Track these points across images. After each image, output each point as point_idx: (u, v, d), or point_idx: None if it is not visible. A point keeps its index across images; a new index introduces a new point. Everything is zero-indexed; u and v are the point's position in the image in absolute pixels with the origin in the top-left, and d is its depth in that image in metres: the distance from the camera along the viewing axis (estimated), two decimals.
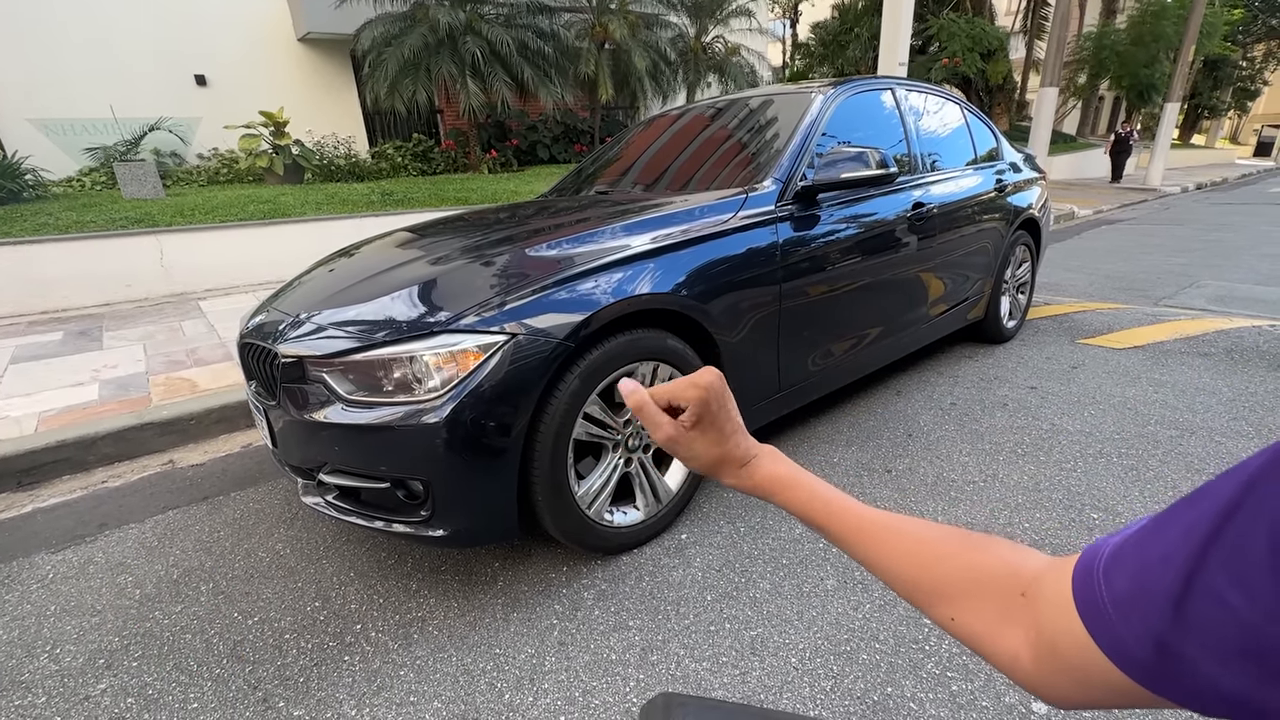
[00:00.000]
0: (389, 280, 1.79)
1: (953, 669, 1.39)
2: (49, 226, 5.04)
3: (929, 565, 0.41)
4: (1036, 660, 0.33)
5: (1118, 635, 0.28)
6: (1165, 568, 0.26)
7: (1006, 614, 0.36)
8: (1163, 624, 0.26)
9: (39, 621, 1.68)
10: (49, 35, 8.09)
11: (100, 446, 2.57)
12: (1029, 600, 0.35)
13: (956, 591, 0.39)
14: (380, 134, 10.92)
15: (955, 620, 0.39)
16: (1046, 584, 0.34)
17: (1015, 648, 0.35)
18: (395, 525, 1.58)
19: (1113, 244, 7.28)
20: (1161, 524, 0.28)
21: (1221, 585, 0.23)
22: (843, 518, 0.47)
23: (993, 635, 0.36)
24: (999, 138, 3.61)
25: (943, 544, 0.41)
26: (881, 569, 0.44)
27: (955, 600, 0.39)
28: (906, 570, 0.42)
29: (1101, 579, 0.29)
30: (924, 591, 0.41)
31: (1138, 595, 0.27)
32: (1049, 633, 0.32)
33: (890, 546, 0.44)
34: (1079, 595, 0.30)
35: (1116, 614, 0.28)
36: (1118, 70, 17.92)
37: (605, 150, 3.34)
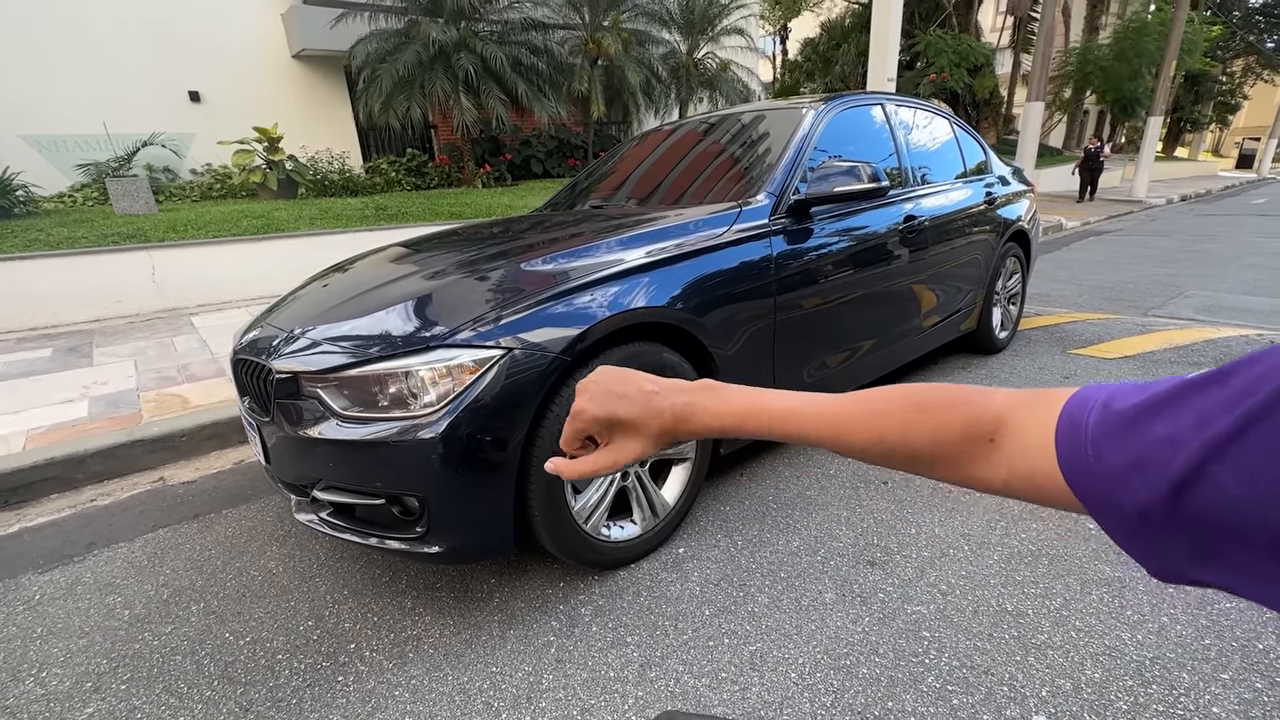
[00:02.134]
0: (384, 295, 1.78)
1: (953, 682, 1.39)
2: (40, 242, 5.01)
3: (896, 445, 0.42)
4: (1006, 485, 0.37)
5: (1100, 496, 0.30)
6: (1172, 450, 0.26)
7: (975, 458, 0.39)
8: (1155, 500, 0.27)
9: (25, 644, 1.65)
10: (41, 51, 8.09)
11: (90, 464, 2.53)
12: (997, 445, 0.37)
13: (925, 456, 0.41)
14: (374, 149, 10.95)
15: (927, 471, 0.42)
16: (1020, 430, 0.36)
17: (986, 479, 0.38)
18: (390, 542, 1.56)
19: (1101, 255, 7.37)
20: (1166, 404, 0.28)
21: (1232, 480, 0.24)
22: (794, 418, 0.47)
23: (963, 475, 0.40)
24: (987, 151, 3.66)
25: (900, 422, 0.42)
26: (853, 454, 0.45)
27: (925, 462, 0.42)
28: (877, 453, 0.44)
29: (1089, 446, 0.31)
30: (895, 461, 0.43)
31: (1132, 470, 0.28)
32: (1024, 471, 0.35)
33: (859, 439, 0.44)
34: (1062, 454, 0.32)
35: (1105, 480, 0.30)
36: (1102, 85, 18.26)
37: (599, 165, 3.37)
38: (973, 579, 1.72)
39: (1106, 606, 1.59)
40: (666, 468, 1.98)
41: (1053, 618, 1.56)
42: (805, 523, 2.03)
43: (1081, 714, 1.30)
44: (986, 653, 1.46)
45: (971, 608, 1.61)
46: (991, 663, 1.44)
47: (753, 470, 2.38)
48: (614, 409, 0.50)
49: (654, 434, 0.50)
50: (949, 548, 1.86)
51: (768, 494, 2.21)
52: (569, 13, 10.17)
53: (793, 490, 2.23)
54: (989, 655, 1.46)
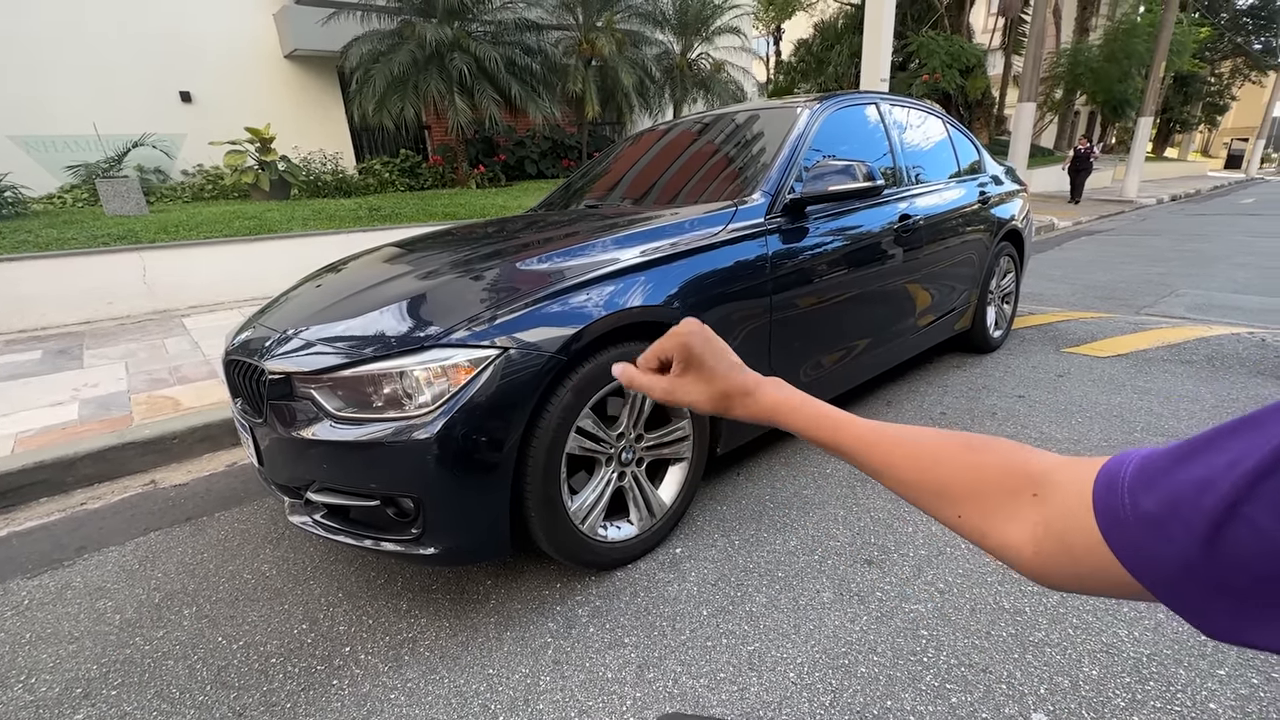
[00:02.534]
0: (377, 295, 1.77)
1: (952, 681, 1.39)
2: (29, 244, 4.96)
3: (932, 468, 0.43)
4: (1039, 553, 0.36)
5: (1138, 549, 0.29)
6: (1205, 493, 0.26)
7: (1013, 511, 0.38)
8: (1192, 546, 0.26)
9: (13, 650, 1.63)
10: (31, 52, 8.02)
11: (80, 467, 2.51)
12: (1040, 500, 0.36)
13: (962, 491, 0.41)
14: (368, 150, 10.91)
15: (961, 517, 0.41)
16: (1061, 486, 0.35)
17: (1019, 540, 0.37)
18: (385, 544, 1.55)
19: (1093, 254, 7.42)
20: (1198, 449, 0.28)
21: (1265, 516, 0.24)
22: (850, 430, 0.49)
23: (997, 530, 0.38)
24: (981, 151, 3.67)
25: (944, 447, 0.43)
26: (889, 477, 0.46)
27: (961, 500, 0.41)
28: (912, 475, 0.44)
29: (1125, 494, 0.30)
30: (930, 493, 0.43)
31: (1168, 516, 0.28)
32: (1059, 530, 0.34)
33: (897, 454, 0.45)
34: (1100, 506, 0.31)
35: (1142, 530, 0.29)
36: (1092, 86, 18.40)
37: (594, 165, 3.36)
38: (970, 577, 1.72)
39: (1103, 604, 1.59)
40: (663, 468, 1.98)
41: (1050, 615, 1.57)
42: (802, 522, 2.03)
43: (1080, 711, 1.30)
44: (984, 651, 1.46)
45: (969, 606, 1.61)
46: (990, 661, 1.44)
47: (749, 470, 2.38)
48: (704, 349, 0.55)
49: (717, 392, 0.55)
50: (946, 546, 1.86)
51: (764, 493, 2.21)
52: (563, 13, 10.16)
53: (789, 490, 2.23)
54: (987, 653, 1.46)
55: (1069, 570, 0.34)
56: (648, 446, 1.88)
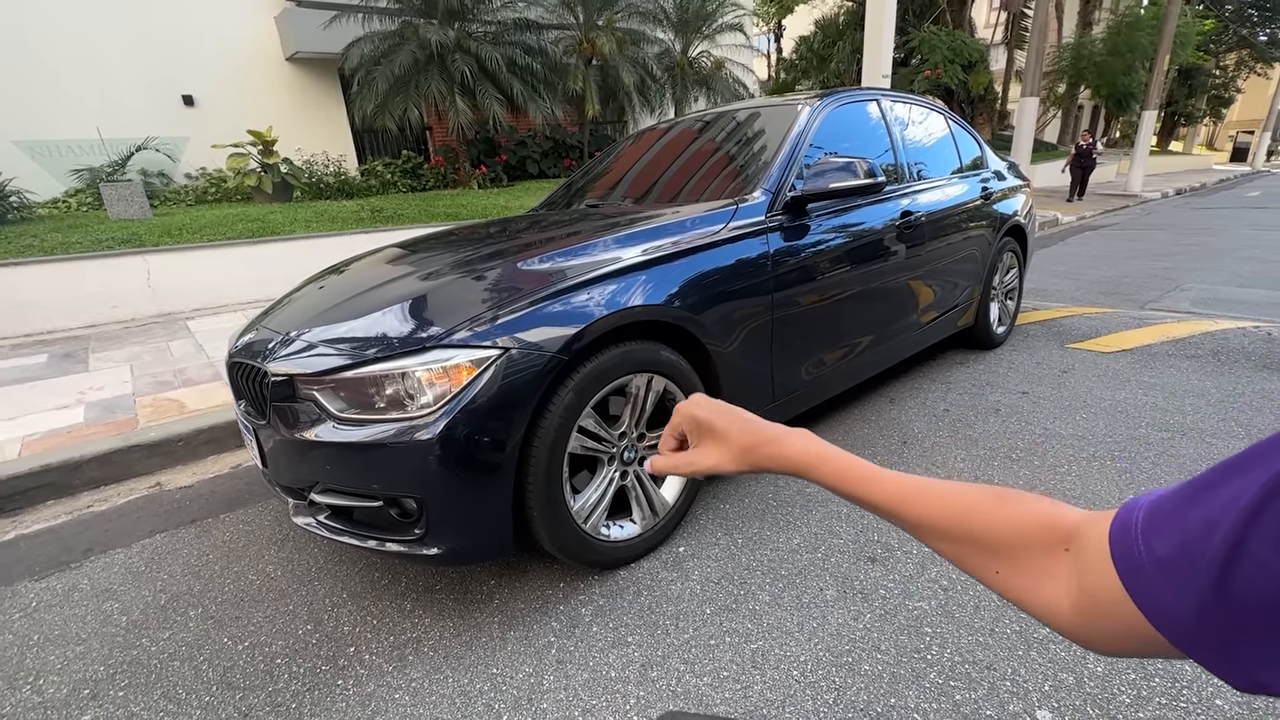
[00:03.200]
0: (380, 296, 1.77)
1: (956, 678, 1.38)
2: (34, 248, 4.99)
3: (968, 523, 0.42)
4: (1077, 611, 0.34)
5: (1157, 596, 0.28)
6: (1209, 533, 0.26)
7: (1048, 567, 0.37)
8: (1205, 590, 0.26)
9: (21, 652, 1.64)
10: (34, 56, 8.06)
11: (86, 470, 2.52)
12: (1072, 555, 0.36)
13: (998, 546, 0.40)
14: (370, 151, 10.94)
15: (1000, 574, 0.40)
16: (1086, 538, 0.35)
17: (1056, 599, 0.36)
18: (388, 544, 1.55)
19: (1097, 249, 7.38)
20: (1202, 489, 0.27)
21: (1266, 550, 0.23)
22: (882, 486, 0.48)
23: (1035, 588, 0.37)
24: (983, 146, 3.66)
25: (978, 501, 0.43)
26: (926, 530, 0.45)
27: (998, 554, 0.40)
28: (947, 527, 0.43)
29: (1140, 539, 0.30)
30: (968, 546, 0.42)
31: (1179, 559, 0.27)
32: (1089, 586, 0.33)
33: (931, 508, 0.45)
34: (1117, 553, 0.31)
35: (1158, 576, 0.28)
36: (1096, 80, 18.31)
37: (595, 164, 3.36)
38: None
39: None
40: None
41: None
42: (805, 520, 2.02)
43: (1085, 708, 1.29)
44: (989, 648, 1.46)
45: (973, 603, 1.61)
46: (994, 658, 1.43)
47: None
48: (711, 415, 0.57)
49: (739, 448, 0.55)
50: None
51: (767, 491, 2.21)
52: (563, 12, 10.16)
53: (792, 487, 2.22)
54: (991, 650, 1.45)
55: (1105, 628, 0.33)
56: (650, 445, 1.88)
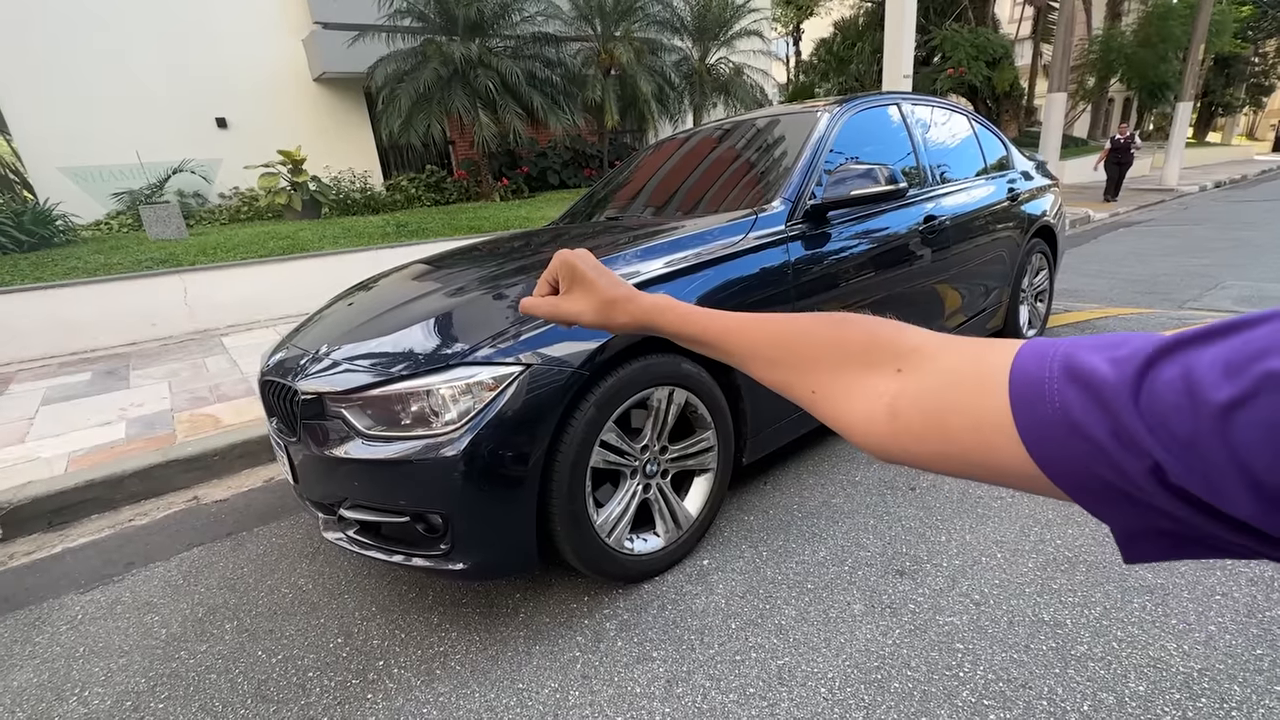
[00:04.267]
0: (405, 314, 1.81)
1: (990, 696, 1.35)
2: (78, 270, 5.20)
3: (795, 344, 0.43)
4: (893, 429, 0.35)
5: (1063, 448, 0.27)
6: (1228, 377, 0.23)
7: (867, 383, 0.37)
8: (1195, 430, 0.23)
9: (68, 664, 1.70)
10: (79, 87, 8.43)
11: (127, 485, 2.61)
12: (903, 375, 0.36)
13: (820, 365, 0.41)
14: (394, 167, 11.17)
15: (815, 393, 0.41)
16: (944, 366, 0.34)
17: (869, 412, 0.36)
18: (415, 559, 1.57)
19: (1131, 247, 7.17)
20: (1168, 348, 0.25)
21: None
22: (718, 322, 0.49)
23: (850, 401, 0.38)
24: (1008, 147, 3.59)
25: (811, 326, 0.43)
26: (754, 360, 0.46)
27: (818, 373, 0.41)
28: (774, 353, 0.44)
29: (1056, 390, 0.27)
30: (788, 367, 0.43)
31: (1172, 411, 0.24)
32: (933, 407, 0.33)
33: (760, 336, 0.45)
34: (1018, 395, 0.29)
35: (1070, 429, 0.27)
36: (1127, 72, 17.82)
37: (615, 175, 3.38)
38: (1007, 588, 1.67)
39: (1149, 615, 1.53)
40: (688, 479, 1.97)
41: (1092, 628, 1.51)
42: (831, 532, 2.00)
43: None
44: (1024, 665, 1.42)
45: (1006, 618, 1.57)
46: (1029, 676, 1.39)
47: (776, 479, 2.36)
48: (585, 265, 0.59)
49: (600, 300, 0.58)
50: (981, 555, 1.82)
51: (792, 503, 2.18)
52: (581, 25, 10.27)
53: (817, 498, 2.20)
54: (1026, 668, 1.41)
55: (932, 449, 0.33)
56: (672, 458, 1.87)
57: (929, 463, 0.34)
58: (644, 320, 0.56)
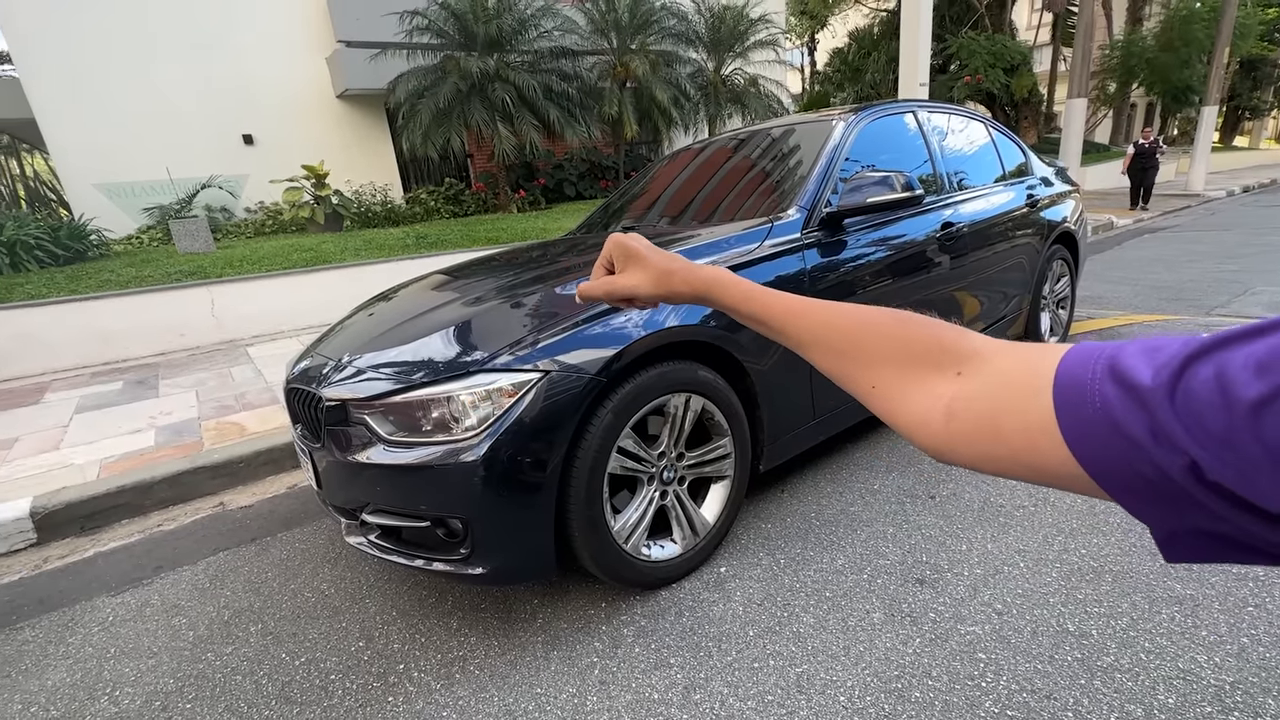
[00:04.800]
0: (425, 323, 1.84)
1: (1013, 707, 1.33)
2: (111, 283, 5.36)
3: (860, 337, 0.43)
4: (949, 430, 0.36)
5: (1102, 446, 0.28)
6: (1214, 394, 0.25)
7: (928, 383, 0.38)
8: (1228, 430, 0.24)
9: (100, 664, 1.74)
10: (113, 107, 8.73)
11: (156, 491, 2.67)
12: (963, 378, 0.37)
13: (883, 360, 0.41)
14: (414, 180, 11.37)
15: (876, 388, 0.41)
16: (1000, 369, 0.35)
17: (927, 412, 0.37)
18: (435, 564, 1.59)
19: (1156, 253, 7.04)
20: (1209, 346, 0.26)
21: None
22: (780, 303, 0.49)
23: (909, 400, 0.39)
24: (1027, 153, 3.56)
25: (876, 320, 0.43)
26: (816, 348, 0.46)
27: (880, 368, 0.41)
28: (837, 342, 0.44)
29: (1096, 389, 0.29)
30: (850, 359, 0.43)
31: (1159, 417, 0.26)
32: (986, 410, 0.34)
33: (824, 325, 0.45)
34: (1061, 395, 0.30)
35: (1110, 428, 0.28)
36: (1148, 77, 17.59)
37: (631, 185, 3.42)
38: (1030, 598, 1.65)
39: (1179, 627, 1.50)
40: (705, 486, 1.97)
41: (1119, 639, 1.48)
42: (850, 540, 1.98)
43: None
44: (1048, 676, 1.40)
45: (1030, 628, 1.54)
46: (1054, 686, 1.37)
47: (794, 487, 2.35)
48: (638, 244, 0.61)
49: (657, 271, 0.59)
50: (1003, 565, 1.79)
51: (810, 511, 2.17)
52: (597, 39, 10.41)
53: (836, 506, 2.18)
54: (1051, 679, 1.39)
55: (983, 450, 0.34)
56: (689, 465, 1.88)
57: (981, 463, 0.35)
58: (702, 291, 0.56)
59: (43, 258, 6.28)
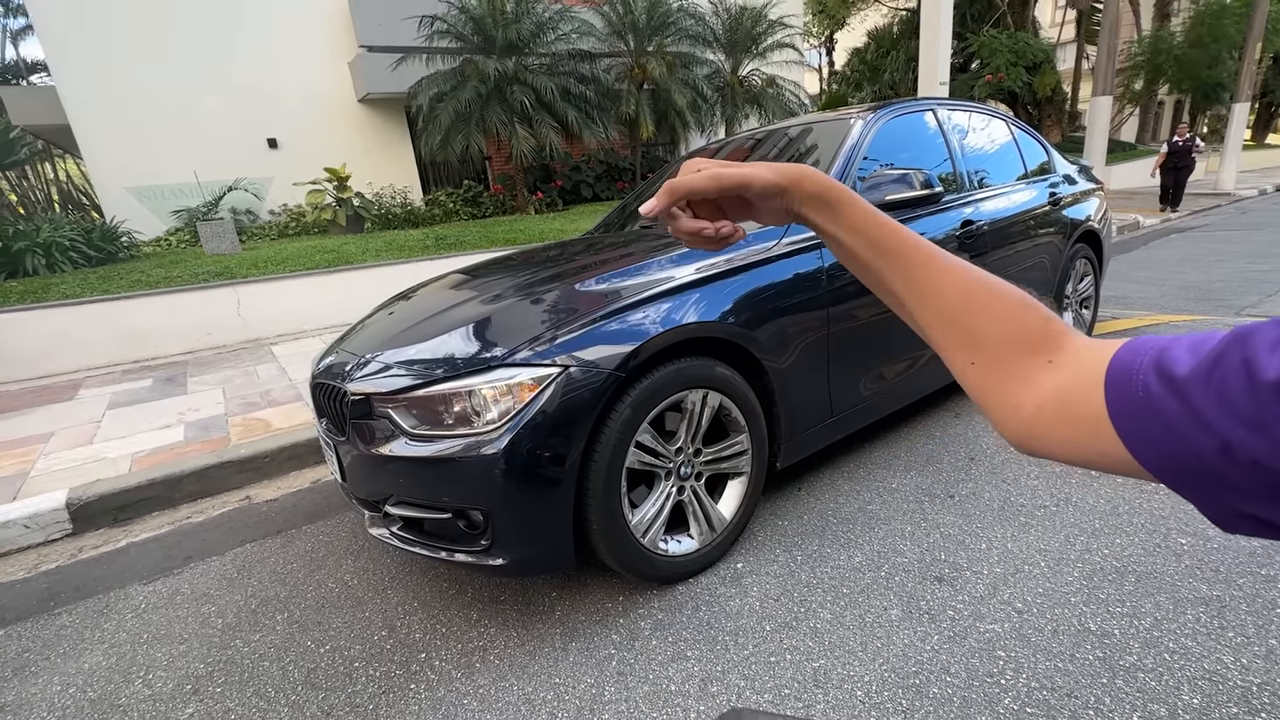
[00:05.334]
0: (446, 320, 1.88)
1: (1033, 705, 1.32)
2: (141, 283, 5.51)
3: (981, 308, 0.41)
4: (1036, 416, 0.37)
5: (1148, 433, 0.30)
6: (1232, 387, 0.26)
7: (1026, 373, 0.38)
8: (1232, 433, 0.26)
9: (133, 649, 1.80)
10: (141, 113, 8.96)
11: (185, 484, 2.75)
12: (1054, 367, 0.37)
13: (991, 339, 0.40)
14: (433, 182, 11.51)
15: (975, 365, 0.41)
16: (1076, 357, 0.37)
17: (1019, 400, 0.38)
18: (456, 555, 1.63)
19: (1184, 253, 6.89)
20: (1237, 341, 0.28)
21: None
22: (901, 235, 0.44)
23: (1005, 385, 0.39)
24: (1050, 150, 3.52)
25: (1004, 294, 0.41)
26: (927, 303, 0.43)
27: (985, 346, 0.40)
28: (954, 307, 0.42)
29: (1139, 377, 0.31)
30: (959, 329, 0.42)
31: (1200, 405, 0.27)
32: (1064, 397, 0.35)
33: (947, 277, 0.42)
34: (1111, 385, 0.32)
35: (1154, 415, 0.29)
36: (1176, 74, 17.21)
37: (648, 186, 3.44)
38: (1051, 597, 1.63)
39: (1204, 628, 1.48)
40: (722, 482, 1.98)
41: (1143, 639, 1.46)
42: (867, 538, 1.98)
43: None
44: (1069, 674, 1.39)
45: (1050, 627, 1.53)
46: (1075, 685, 1.36)
47: (811, 484, 2.34)
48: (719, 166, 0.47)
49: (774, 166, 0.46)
50: (1024, 564, 1.78)
51: (827, 508, 2.17)
52: (614, 41, 10.46)
53: (853, 504, 2.18)
54: (1072, 677, 1.38)
55: (1059, 434, 0.35)
56: (706, 461, 1.89)
57: (1058, 450, 0.36)
58: (829, 194, 0.45)
59: (76, 259, 6.48)
